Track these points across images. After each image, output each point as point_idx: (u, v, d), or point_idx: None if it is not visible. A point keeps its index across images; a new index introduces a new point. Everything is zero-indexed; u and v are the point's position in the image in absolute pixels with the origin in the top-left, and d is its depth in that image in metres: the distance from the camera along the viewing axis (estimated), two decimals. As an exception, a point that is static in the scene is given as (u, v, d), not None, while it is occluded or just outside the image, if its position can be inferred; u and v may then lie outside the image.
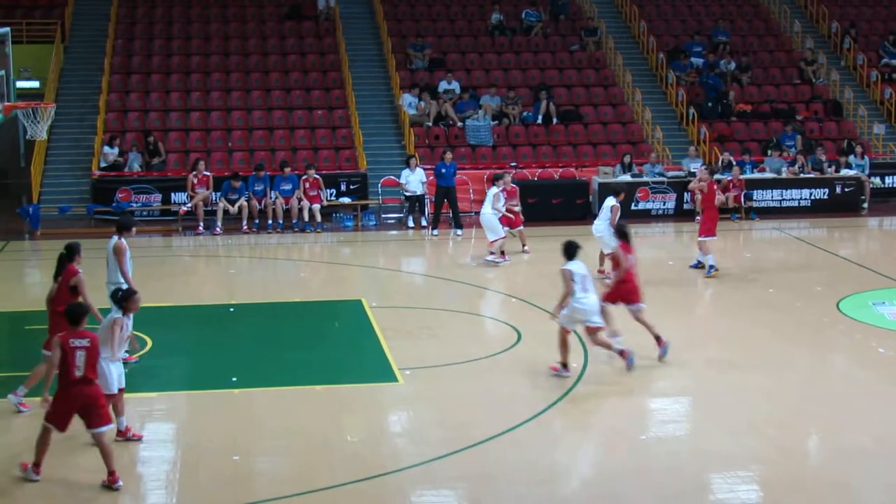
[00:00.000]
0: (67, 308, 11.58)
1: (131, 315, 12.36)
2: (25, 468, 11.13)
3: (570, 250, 14.32)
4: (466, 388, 14.17)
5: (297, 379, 14.67)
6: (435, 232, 25.40)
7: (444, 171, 25.64)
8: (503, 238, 21.58)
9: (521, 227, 22.90)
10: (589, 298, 14.14)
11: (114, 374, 11.96)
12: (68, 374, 10.86)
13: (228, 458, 11.66)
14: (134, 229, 15.28)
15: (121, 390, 12.16)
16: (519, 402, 13.37)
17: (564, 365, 14.28)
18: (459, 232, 25.29)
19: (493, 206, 21.62)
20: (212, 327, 17.53)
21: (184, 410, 13.33)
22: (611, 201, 19.67)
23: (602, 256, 19.63)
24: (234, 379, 14.45)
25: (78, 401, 10.92)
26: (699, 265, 20.85)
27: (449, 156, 25.96)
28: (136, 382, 14.55)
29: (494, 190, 22.00)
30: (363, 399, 13.84)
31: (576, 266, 14.14)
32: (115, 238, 14.72)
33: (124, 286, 13.40)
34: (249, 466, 11.54)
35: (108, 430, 11.25)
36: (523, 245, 22.81)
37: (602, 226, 19.59)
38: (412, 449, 12.03)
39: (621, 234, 15.60)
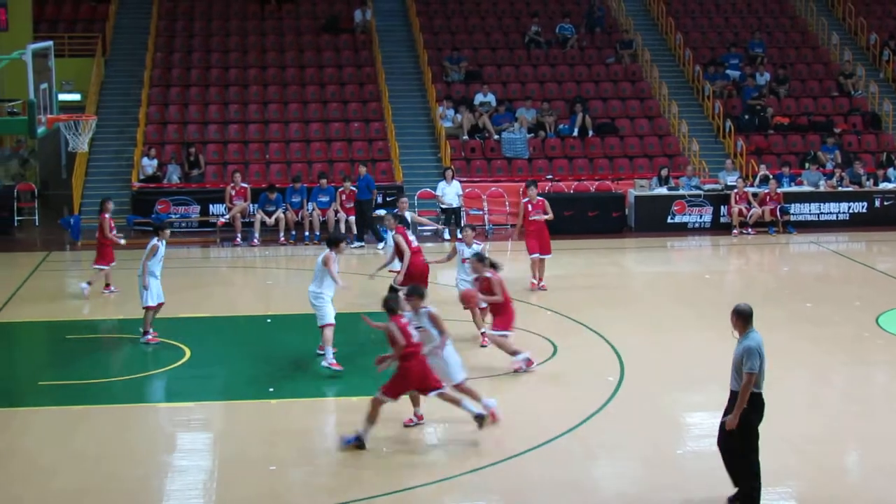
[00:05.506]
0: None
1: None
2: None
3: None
4: (501, 401, 14.15)
5: (333, 390, 14.73)
6: (355, 243, 25.59)
7: (357, 184, 26.37)
8: None
9: None
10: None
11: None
12: None
13: (265, 468, 11.72)
14: (342, 245, 15.67)
15: None
16: (554, 416, 13.35)
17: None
18: (354, 244, 25.44)
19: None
20: (249, 338, 17.63)
21: (221, 420, 13.42)
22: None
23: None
24: (271, 389, 14.53)
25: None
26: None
27: (362, 169, 26.55)
28: (173, 392, 14.70)
29: None
30: (398, 411, 13.86)
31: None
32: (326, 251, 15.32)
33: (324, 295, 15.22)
34: (286, 477, 11.60)
35: None
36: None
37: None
38: (446, 461, 12.05)
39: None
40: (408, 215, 19.82)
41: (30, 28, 32.05)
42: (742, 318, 10.46)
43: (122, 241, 20.49)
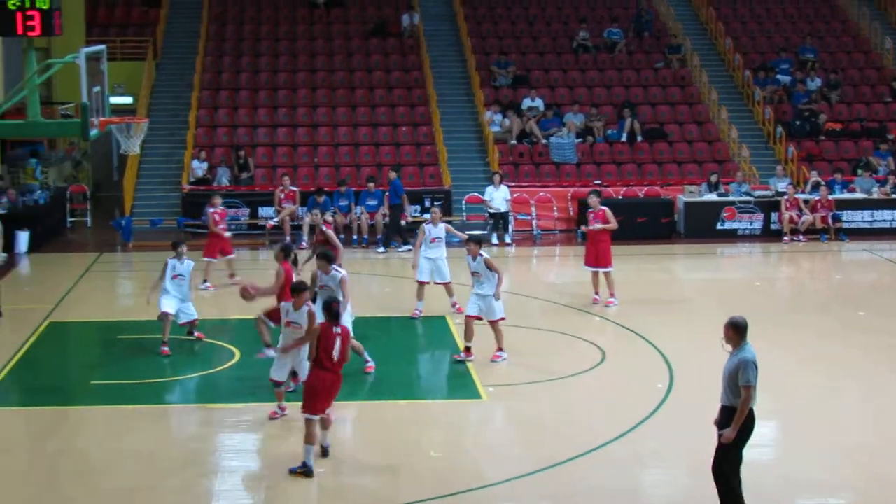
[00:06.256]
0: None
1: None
2: None
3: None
4: (550, 407, 14.14)
5: (382, 394, 14.75)
6: (402, 247, 25.55)
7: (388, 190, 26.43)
8: None
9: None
10: None
11: None
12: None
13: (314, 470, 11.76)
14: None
15: None
16: (603, 422, 13.30)
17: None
18: (381, 250, 25.41)
19: None
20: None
21: (270, 422, 13.47)
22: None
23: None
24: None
25: None
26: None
27: (392, 174, 26.39)
28: (223, 393, 14.79)
29: None
30: (446, 415, 13.88)
31: None
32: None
33: None
34: (333, 480, 11.63)
35: None
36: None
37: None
38: (495, 466, 12.03)
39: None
40: (441, 226, 19.57)
41: (83, 32, 32.48)
42: (738, 330, 10.23)
43: (228, 234, 21.84)
